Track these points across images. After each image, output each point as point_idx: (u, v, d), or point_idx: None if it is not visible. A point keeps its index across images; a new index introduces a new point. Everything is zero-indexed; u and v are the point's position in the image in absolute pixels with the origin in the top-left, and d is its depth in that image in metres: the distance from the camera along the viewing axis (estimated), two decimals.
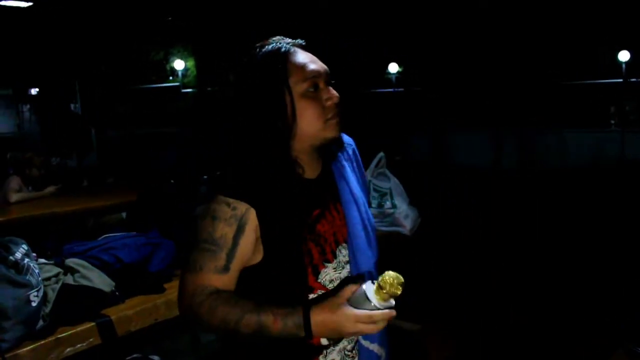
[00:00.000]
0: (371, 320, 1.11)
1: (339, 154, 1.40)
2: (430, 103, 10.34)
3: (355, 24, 9.63)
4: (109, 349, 1.82)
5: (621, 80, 10.57)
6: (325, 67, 1.29)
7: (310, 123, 1.25)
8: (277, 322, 1.12)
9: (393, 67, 11.32)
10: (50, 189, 4.35)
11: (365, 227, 1.38)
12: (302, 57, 1.27)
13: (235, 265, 1.22)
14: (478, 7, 9.24)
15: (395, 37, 10.17)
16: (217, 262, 1.19)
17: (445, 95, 10.20)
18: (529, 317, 3.03)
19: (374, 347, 1.37)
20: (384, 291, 1.09)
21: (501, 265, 3.90)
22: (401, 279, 1.10)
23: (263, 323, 1.12)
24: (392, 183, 2.92)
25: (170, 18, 9.75)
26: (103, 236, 2.17)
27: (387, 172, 2.97)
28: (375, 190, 2.91)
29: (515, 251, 4.27)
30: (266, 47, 1.28)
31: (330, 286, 1.30)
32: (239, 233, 1.21)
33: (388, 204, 2.88)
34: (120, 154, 8.73)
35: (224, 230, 1.20)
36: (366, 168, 2.96)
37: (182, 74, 10.99)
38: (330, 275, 1.31)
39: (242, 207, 1.21)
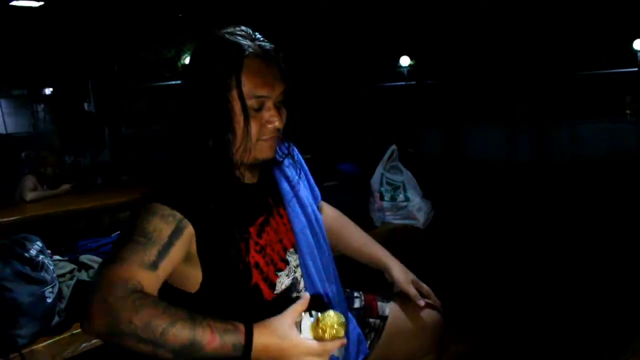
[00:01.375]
0: (323, 352, 1.01)
1: (278, 162, 1.36)
2: (443, 96, 10.30)
3: (367, 17, 9.60)
4: None
5: (636, 69, 10.44)
6: (280, 86, 1.20)
7: (243, 138, 1.18)
8: (214, 339, 0.96)
9: (405, 61, 11.28)
10: (65, 187, 4.39)
11: (313, 229, 1.36)
12: (258, 70, 1.17)
13: (165, 267, 1.06)
14: (491, 0, 9.17)
15: (407, 30, 10.13)
16: (145, 256, 1.04)
17: (458, 88, 10.14)
18: (546, 309, 3.00)
19: None
20: (325, 334, 1.00)
21: (516, 259, 3.87)
22: (342, 318, 1.02)
23: (197, 338, 0.95)
24: (405, 176, 2.90)
25: (181, 15, 9.78)
26: (116, 232, 2.17)
27: (400, 165, 2.95)
28: (387, 183, 2.90)
29: (530, 245, 4.24)
30: (225, 40, 1.18)
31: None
32: (175, 233, 1.09)
33: (401, 196, 2.86)
34: (134, 152, 8.79)
35: (160, 226, 1.08)
36: (379, 161, 2.95)
37: None
38: (285, 282, 1.28)
39: (179, 214, 1.11)
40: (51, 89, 11.65)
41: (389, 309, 1.55)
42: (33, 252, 1.70)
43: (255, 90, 1.17)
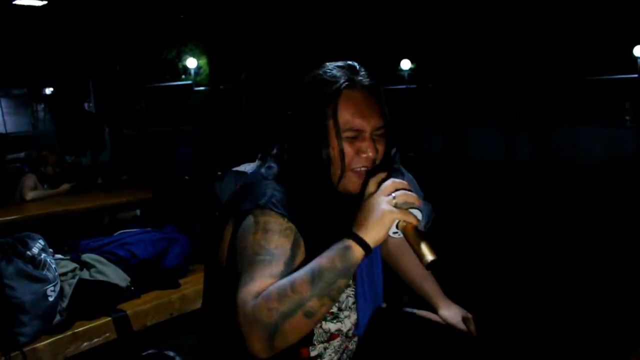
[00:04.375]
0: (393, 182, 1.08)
1: None
2: (444, 99, 10.31)
3: (368, 20, 9.61)
4: (125, 343, 1.83)
5: (636, 75, 10.45)
6: (377, 120, 1.23)
7: (337, 162, 1.21)
8: (324, 258, 1.02)
9: (406, 64, 11.29)
10: (65, 186, 4.38)
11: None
12: (355, 101, 1.22)
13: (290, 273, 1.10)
14: (491, 3, 9.18)
15: (407, 33, 10.14)
16: (272, 270, 1.06)
17: (458, 91, 10.15)
18: (546, 310, 3.00)
19: None
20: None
21: (517, 261, 3.88)
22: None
23: (315, 270, 1.01)
24: (407, 178, 2.88)
25: (182, 16, 9.79)
26: (118, 232, 2.17)
27: (402, 167, 2.95)
28: None
29: (531, 248, 4.25)
30: (326, 75, 1.25)
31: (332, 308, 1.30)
32: (295, 245, 1.12)
33: None
34: (135, 152, 8.79)
35: (280, 242, 1.10)
36: None
37: (195, 72, 11.03)
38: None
39: (294, 227, 1.14)
40: (51, 89, 11.64)
41: None
42: (35, 250, 1.70)
43: (351, 120, 1.20)
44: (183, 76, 11.22)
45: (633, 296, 3.12)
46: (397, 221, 1.04)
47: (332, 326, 1.30)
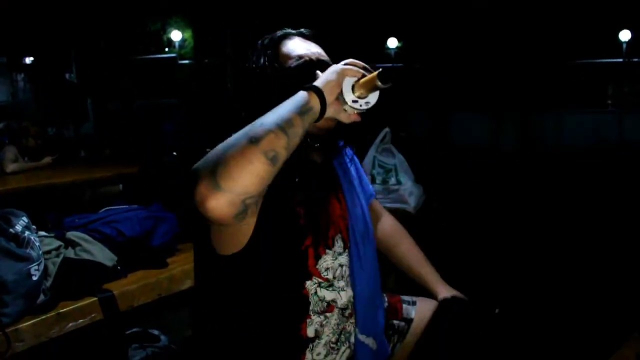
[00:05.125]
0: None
1: (340, 153, 1.39)
2: (429, 80, 10.27)
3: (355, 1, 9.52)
4: (110, 324, 1.78)
5: (621, 60, 10.49)
6: (319, 54, 1.28)
7: None
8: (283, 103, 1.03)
9: (392, 42, 11.21)
10: (47, 159, 4.28)
11: (366, 224, 1.38)
12: (294, 43, 1.29)
13: None
14: None
15: (395, 11, 10.05)
16: None
17: (444, 72, 10.12)
18: (535, 299, 3.02)
19: (369, 340, 1.36)
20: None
21: (505, 247, 3.89)
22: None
23: (266, 112, 1.01)
24: (398, 159, 2.88)
25: None
26: (104, 209, 2.11)
27: (393, 148, 2.93)
28: (380, 166, 2.87)
29: (518, 233, 4.26)
30: (268, 35, 1.32)
31: (325, 274, 1.27)
32: None
33: (393, 180, 2.84)
34: (118, 126, 8.65)
35: None
36: (371, 144, 2.92)
37: (179, 45, 10.85)
38: (327, 262, 1.28)
39: None
40: (32, 58, 11.38)
41: (415, 311, 1.53)
42: (19, 227, 1.64)
43: (291, 57, 1.26)
44: (167, 49, 11.04)
45: (619, 283, 3.15)
46: (351, 87, 1.09)
47: (327, 294, 1.27)
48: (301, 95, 1.05)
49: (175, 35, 10.55)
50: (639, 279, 3.10)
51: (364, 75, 1.11)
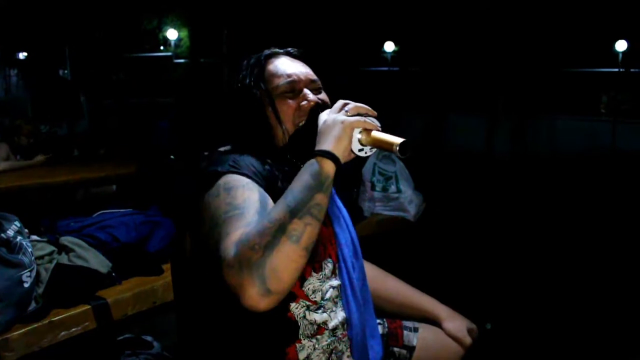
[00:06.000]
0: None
1: None
2: (426, 84, 10.28)
3: (353, 4, 9.52)
4: (104, 332, 1.73)
5: (617, 69, 10.56)
6: (308, 74, 1.27)
7: (276, 123, 1.23)
8: (295, 182, 1.01)
9: (389, 46, 11.23)
10: (40, 158, 4.20)
11: (355, 248, 1.35)
12: (282, 62, 1.27)
13: None
14: None
15: (392, 15, 10.05)
16: (246, 219, 0.99)
17: (440, 77, 10.14)
18: (531, 311, 2.99)
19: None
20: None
21: (503, 253, 3.87)
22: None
23: (288, 194, 0.99)
24: (398, 167, 2.84)
25: None
26: (98, 212, 2.06)
27: (393, 155, 2.88)
28: (380, 173, 2.83)
29: (515, 239, 4.25)
30: (254, 55, 1.31)
31: (313, 297, 1.23)
32: (262, 195, 1.07)
33: (393, 187, 2.80)
34: (113, 124, 8.56)
35: (246, 194, 1.05)
36: None
37: (175, 44, 10.80)
38: (314, 285, 1.24)
39: (254, 180, 1.10)
40: (25, 54, 11.31)
41: (417, 338, 1.47)
42: (10, 232, 1.58)
43: (280, 77, 1.24)
44: (162, 47, 10.99)
45: (614, 294, 3.14)
46: (358, 138, 1.07)
47: (317, 317, 1.23)
48: (320, 169, 1.02)
49: (171, 34, 10.51)
50: (633, 289, 3.09)
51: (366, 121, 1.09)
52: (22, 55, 11.37)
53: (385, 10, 9.82)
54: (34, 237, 1.77)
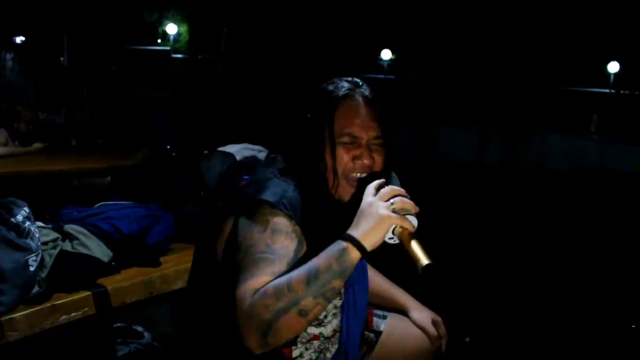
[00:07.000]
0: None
1: None
2: (421, 94, 10.36)
3: (352, 6, 9.58)
4: (102, 319, 1.80)
5: (607, 90, 10.69)
6: (374, 129, 1.28)
7: (332, 169, 1.27)
8: (321, 259, 1.05)
9: (386, 54, 11.32)
10: (38, 145, 4.25)
11: (364, 271, 1.45)
12: (354, 112, 1.28)
13: None
14: (476, 7, 9.24)
15: (391, 24, 10.14)
16: (274, 268, 1.09)
17: (436, 87, 10.22)
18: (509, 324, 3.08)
19: None
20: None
21: (491, 263, 3.97)
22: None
23: (312, 269, 1.04)
24: (392, 176, 2.91)
25: None
26: (99, 203, 2.12)
27: None
28: None
29: (502, 249, 4.35)
30: (329, 86, 1.32)
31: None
32: (299, 248, 1.15)
33: None
34: (111, 115, 8.57)
35: (285, 243, 1.13)
36: None
37: (174, 39, 10.82)
38: None
39: (299, 228, 1.18)
40: (22, 38, 11.25)
41: (385, 325, 1.60)
42: (20, 217, 1.65)
43: (346, 126, 1.27)
44: (159, 41, 10.99)
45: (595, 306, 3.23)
46: (393, 227, 1.07)
47: (314, 330, 1.35)
48: (347, 256, 1.05)
49: (171, 29, 10.54)
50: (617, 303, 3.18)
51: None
52: (19, 39, 11.31)
53: (384, 18, 9.91)
54: (40, 224, 1.83)
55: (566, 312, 3.17)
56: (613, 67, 10.07)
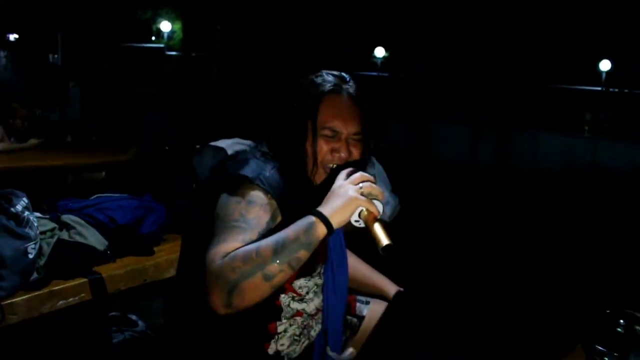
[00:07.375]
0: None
1: None
2: (414, 92, 10.42)
3: (347, 3, 9.62)
4: (97, 305, 1.88)
5: (599, 88, 10.75)
6: (355, 125, 1.37)
7: (312, 156, 1.36)
8: (290, 230, 1.12)
9: (380, 52, 11.37)
10: (33, 141, 4.32)
11: (343, 251, 1.49)
12: (338, 107, 1.37)
13: None
14: (470, 7, 9.30)
15: (384, 22, 10.19)
16: (245, 236, 1.18)
17: (429, 85, 10.28)
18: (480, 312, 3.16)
19: (334, 354, 1.50)
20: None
21: (473, 257, 4.03)
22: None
23: (280, 239, 1.11)
24: (377, 170, 3.00)
25: None
26: (95, 195, 2.20)
27: (373, 158, 3.05)
28: None
29: (485, 247, 4.41)
30: (316, 79, 1.40)
31: (300, 291, 1.42)
32: (272, 220, 1.24)
33: None
34: (105, 113, 8.63)
35: (259, 214, 1.23)
36: None
37: (168, 37, 10.83)
38: (302, 283, 1.43)
39: (275, 204, 1.26)
40: (16, 35, 11.24)
41: (367, 310, 1.69)
42: (19, 207, 1.72)
43: (329, 121, 1.36)
44: (153, 38, 10.98)
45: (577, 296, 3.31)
46: (360, 210, 1.14)
47: (298, 305, 1.44)
48: (314, 230, 1.11)
49: (165, 26, 10.54)
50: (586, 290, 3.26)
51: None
52: (12, 37, 11.30)
53: (378, 16, 9.96)
54: (37, 214, 1.91)
55: (565, 312, 3.23)
56: (605, 65, 10.12)
